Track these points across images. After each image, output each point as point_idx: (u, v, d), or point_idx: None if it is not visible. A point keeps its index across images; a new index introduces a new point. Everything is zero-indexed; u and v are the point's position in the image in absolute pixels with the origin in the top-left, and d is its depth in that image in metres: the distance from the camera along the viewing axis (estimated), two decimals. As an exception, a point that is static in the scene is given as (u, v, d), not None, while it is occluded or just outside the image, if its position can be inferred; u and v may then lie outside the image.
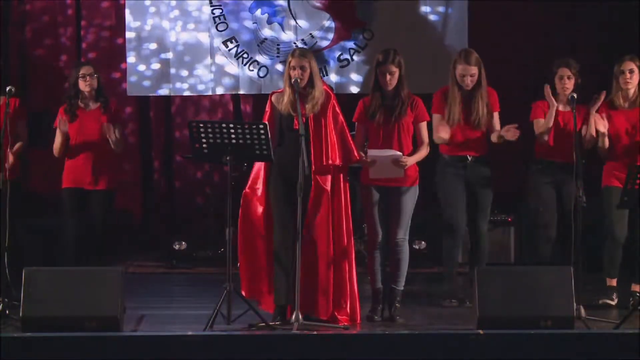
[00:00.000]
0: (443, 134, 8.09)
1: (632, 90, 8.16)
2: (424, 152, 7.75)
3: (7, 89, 7.90)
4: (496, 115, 8.22)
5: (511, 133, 8.03)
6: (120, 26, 11.12)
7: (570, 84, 8.21)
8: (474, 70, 8.09)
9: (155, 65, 11.12)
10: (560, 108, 8.24)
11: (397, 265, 7.78)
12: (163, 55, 11.12)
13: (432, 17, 11.10)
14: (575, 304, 7.09)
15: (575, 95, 7.90)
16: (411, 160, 7.65)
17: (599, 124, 8.08)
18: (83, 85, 8.41)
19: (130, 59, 11.09)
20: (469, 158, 8.20)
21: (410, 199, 7.74)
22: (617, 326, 7.13)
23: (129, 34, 11.08)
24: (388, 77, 7.68)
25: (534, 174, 8.36)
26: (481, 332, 6.74)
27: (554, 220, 8.28)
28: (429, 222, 9.73)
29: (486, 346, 6.58)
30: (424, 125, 7.79)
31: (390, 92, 7.71)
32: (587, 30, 10.93)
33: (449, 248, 8.29)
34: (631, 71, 8.14)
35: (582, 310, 7.37)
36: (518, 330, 6.74)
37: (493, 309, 7.00)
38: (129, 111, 11.27)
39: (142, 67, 11.10)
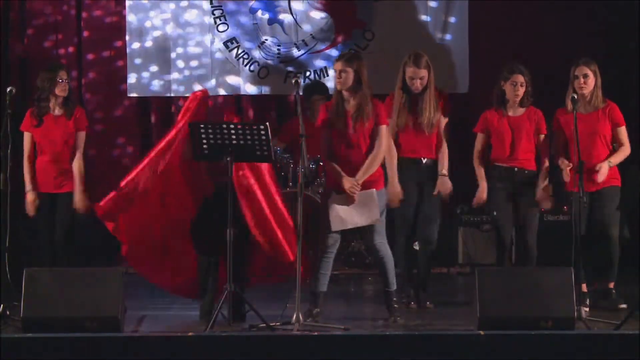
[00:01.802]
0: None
1: (587, 95, 8.11)
2: (376, 157, 7.55)
3: (8, 89, 7.86)
4: (444, 120, 8.20)
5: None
6: (120, 17, 11.18)
7: (521, 92, 8.18)
8: (424, 73, 8.06)
9: (155, 67, 11.12)
10: (510, 114, 8.22)
11: (382, 268, 7.70)
12: (163, 57, 11.11)
13: (432, 17, 11.10)
14: (575, 305, 7.09)
15: (576, 96, 7.89)
16: (360, 179, 7.48)
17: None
18: (60, 90, 8.29)
19: (131, 59, 11.10)
20: (424, 160, 8.15)
21: (379, 203, 7.57)
22: (617, 327, 7.12)
23: (129, 34, 11.09)
24: (336, 74, 7.58)
25: (490, 180, 8.27)
26: (481, 332, 6.74)
27: (509, 224, 8.24)
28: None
29: (486, 347, 6.59)
30: (381, 129, 7.58)
31: (349, 94, 7.56)
32: (587, 30, 10.92)
33: (401, 245, 8.26)
34: (585, 76, 8.08)
35: (583, 311, 7.37)
36: (518, 331, 6.74)
37: (493, 309, 7.00)
38: (129, 111, 11.28)
39: (142, 69, 11.10)
